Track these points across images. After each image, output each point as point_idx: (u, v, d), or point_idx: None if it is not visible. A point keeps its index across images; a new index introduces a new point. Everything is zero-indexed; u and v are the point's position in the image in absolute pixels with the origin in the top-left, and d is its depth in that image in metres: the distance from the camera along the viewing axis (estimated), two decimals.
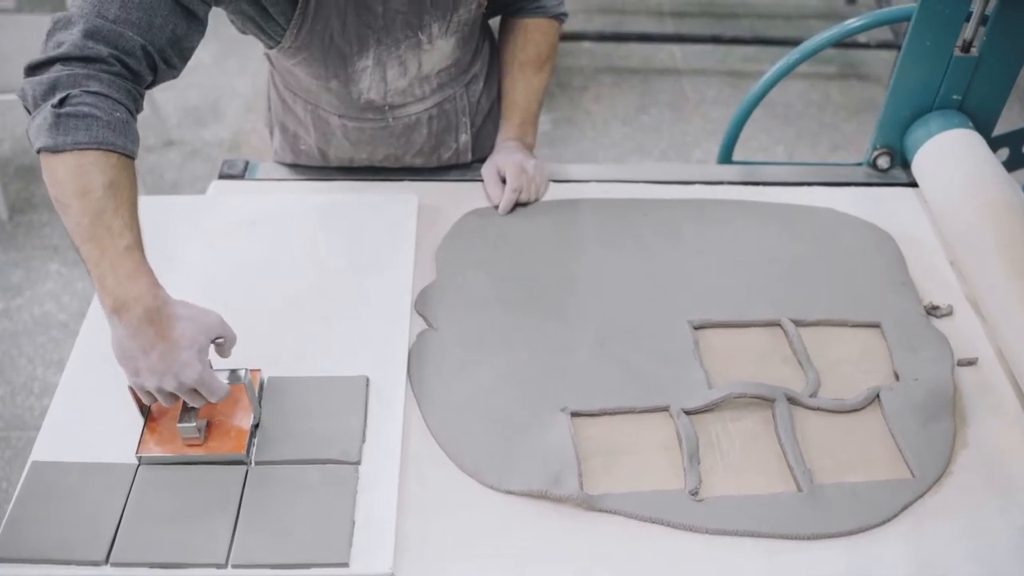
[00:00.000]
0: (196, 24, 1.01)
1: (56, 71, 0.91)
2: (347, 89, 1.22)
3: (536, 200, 1.30)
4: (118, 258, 0.87)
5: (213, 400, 0.90)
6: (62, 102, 0.89)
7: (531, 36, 1.34)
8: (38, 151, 0.90)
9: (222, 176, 1.34)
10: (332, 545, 0.87)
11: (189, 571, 0.86)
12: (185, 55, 1.01)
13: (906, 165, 1.37)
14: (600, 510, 0.93)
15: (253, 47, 3.74)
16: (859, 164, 1.43)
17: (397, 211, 1.24)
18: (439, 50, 1.22)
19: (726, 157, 1.61)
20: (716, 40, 3.27)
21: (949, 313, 1.16)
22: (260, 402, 0.98)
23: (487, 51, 1.37)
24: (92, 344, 1.07)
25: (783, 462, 0.98)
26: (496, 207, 1.27)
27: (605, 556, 0.89)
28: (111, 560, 0.86)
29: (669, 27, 3.55)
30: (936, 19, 1.23)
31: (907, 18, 1.27)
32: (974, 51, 1.28)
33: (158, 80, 1.00)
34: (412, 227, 1.22)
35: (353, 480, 0.92)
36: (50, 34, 0.94)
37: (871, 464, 0.98)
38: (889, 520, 0.93)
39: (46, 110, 0.89)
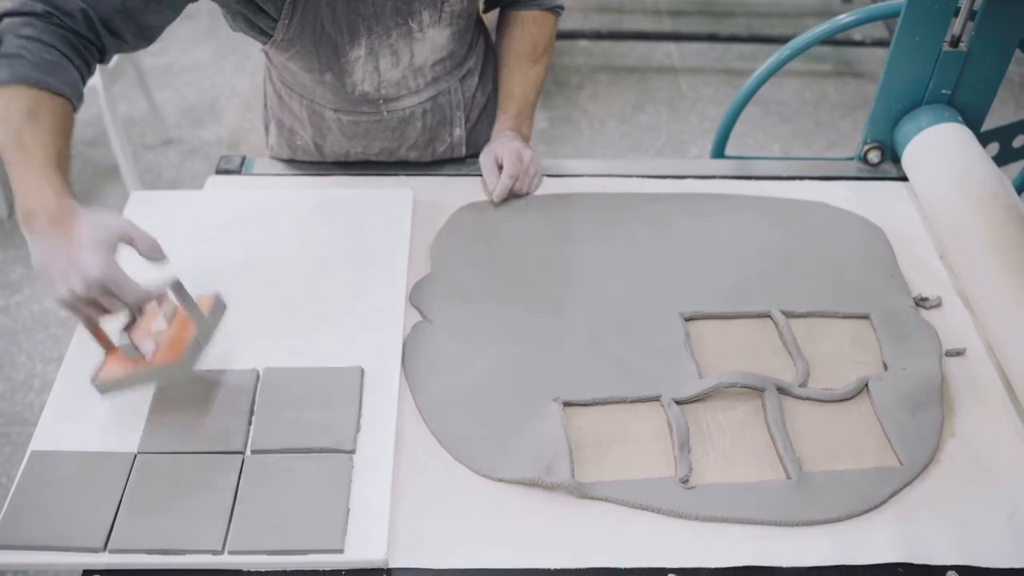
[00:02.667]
0: (159, 5, 1.04)
1: (1, 23, 0.98)
2: (341, 82, 1.23)
3: (530, 192, 1.31)
4: (31, 174, 0.90)
5: (128, 299, 0.88)
6: None
7: (527, 28, 1.35)
8: None
9: (219, 171, 1.35)
10: (327, 532, 0.88)
11: (186, 557, 0.87)
12: (144, 32, 1.05)
13: (896, 159, 1.39)
14: (592, 498, 0.94)
15: (251, 46, 3.75)
16: (850, 159, 1.44)
17: (393, 205, 1.26)
18: (431, 40, 1.23)
19: (719, 152, 1.63)
20: (713, 38, 3.28)
21: (938, 305, 1.17)
22: (215, 327, 0.97)
23: (482, 46, 1.38)
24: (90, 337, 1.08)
25: (773, 451, 0.99)
26: (492, 195, 1.28)
27: (596, 542, 0.91)
28: (109, 547, 0.87)
29: (666, 25, 3.56)
30: (925, 14, 1.25)
31: (896, 14, 1.29)
32: (963, 46, 1.29)
33: (109, 49, 1.03)
34: (407, 221, 1.24)
35: (348, 468, 0.93)
36: None
37: (859, 452, 0.99)
38: (876, 507, 0.94)
39: None
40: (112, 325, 0.94)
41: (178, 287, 0.93)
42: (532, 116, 1.39)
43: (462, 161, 1.40)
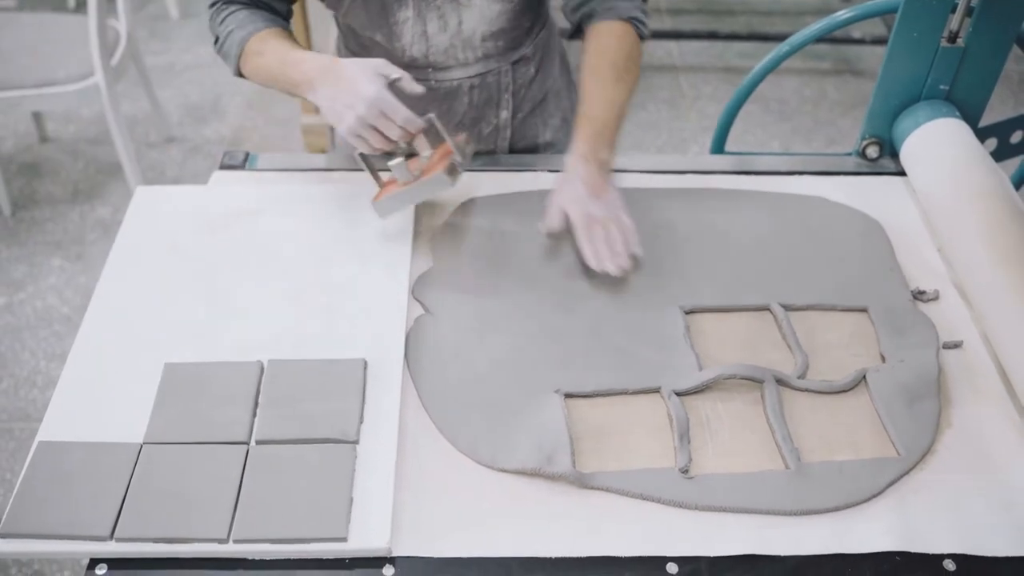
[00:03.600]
0: None
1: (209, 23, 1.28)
2: (391, 44, 1.27)
3: (626, 249, 1.13)
4: (286, 64, 1.16)
5: (399, 118, 1.07)
6: (216, 41, 1.27)
7: (603, 41, 1.25)
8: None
9: (223, 167, 1.37)
10: (331, 521, 0.89)
11: (191, 546, 0.88)
12: None
13: (895, 154, 1.39)
14: (592, 487, 0.95)
15: None
16: (848, 154, 1.45)
17: None
18: (479, 10, 1.24)
19: (719, 148, 1.64)
20: (713, 37, 3.29)
21: (935, 298, 1.18)
22: (470, 154, 1.19)
23: (544, 39, 1.38)
24: (97, 329, 1.09)
25: (771, 441, 1.00)
26: (543, 228, 1.18)
27: (597, 532, 0.92)
28: (115, 535, 0.88)
29: (667, 23, 3.57)
30: (922, 10, 1.26)
31: (894, 10, 1.30)
32: (960, 42, 1.30)
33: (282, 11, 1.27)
34: (410, 215, 1.25)
35: (351, 459, 0.94)
36: None
37: (857, 443, 1.00)
38: (874, 497, 0.95)
39: (217, 55, 1.29)
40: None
41: (435, 120, 1.14)
42: (613, 138, 1.21)
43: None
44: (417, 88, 1.11)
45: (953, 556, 0.90)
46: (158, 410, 0.99)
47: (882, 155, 1.42)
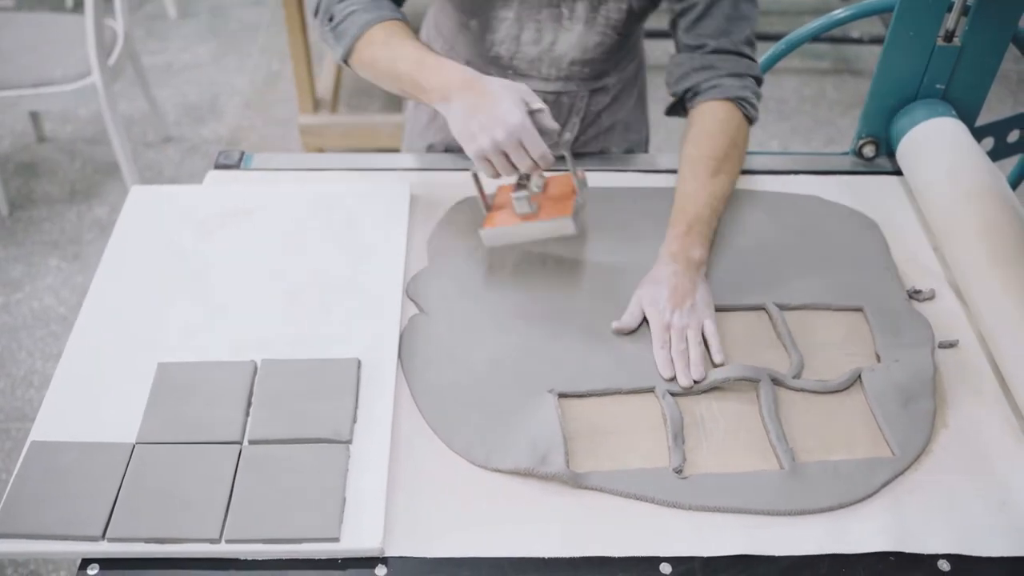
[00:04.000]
0: None
1: (321, 2, 1.19)
2: (482, 35, 1.25)
3: (699, 349, 1.06)
4: (421, 66, 1.08)
5: (535, 152, 1.01)
6: (330, 20, 1.17)
7: (706, 126, 1.19)
8: (342, 62, 1.18)
9: (218, 166, 1.36)
10: (323, 521, 0.89)
11: (184, 546, 0.87)
12: None
13: (891, 154, 1.39)
14: (586, 487, 0.95)
15: (251, 44, 3.75)
16: (845, 153, 1.45)
17: (390, 200, 1.27)
18: (577, 35, 1.22)
19: None
20: None
21: (931, 297, 1.18)
22: (587, 197, 1.12)
23: (631, 75, 1.37)
24: (91, 328, 1.09)
25: (766, 441, 1.00)
26: (616, 327, 1.10)
27: (591, 532, 0.91)
28: (108, 535, 0.88)
29: (665, 23, 3.57)
30: (919, 9, 1.26)
31: (891, 9, 1.30)
32: (956, 41, 1.30)
33: None
34: (405, 215, 1.25)
35: (344, 459, 0.94)
36: None
37: (853, 443, 1.00)
38: (868, 497, 0.95)
39: (325, 32, 1.18)
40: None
41: (568, 153, 1.08)
42: (708, 235, 1.15)
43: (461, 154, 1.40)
44: (554, 124, 1.03)
45: (948, 556, 0.90)
46: (151, 410, 0.99)
47: (878, 154, 1.41)
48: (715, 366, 1.06)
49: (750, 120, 1.23)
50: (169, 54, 3.33)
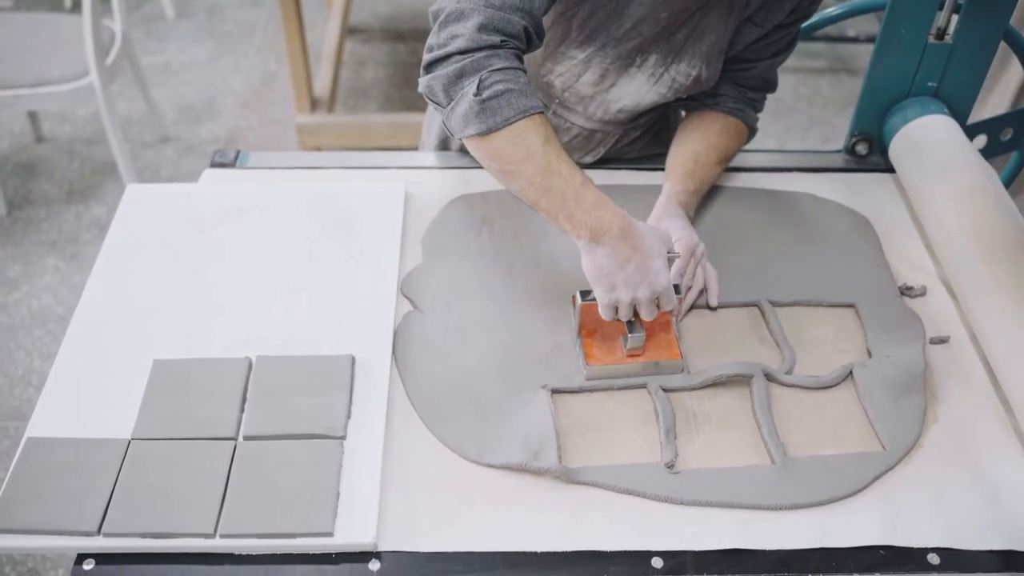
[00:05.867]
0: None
1: (458, 61, 1.00)
2: (543, 62, 1.21)
3: (689, 289, 1.14)
4: (580, 195, 1.00)
5: (666, 308, 1.01)
6: (479, 89, 0.99)
7: (728, 130, 1.27)
8: (469, 137, 1.02)
9: (214, 165, 1.37)
10: (317, 516, 0.89)
11: (179, 540, 0.88)
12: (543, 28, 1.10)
13: (884, 151, 1.40)
14: (579, 483, 0.95)
15: (248, 44, 3.75)
16: (838, 151, 1.46)
17: (385, 198, 1.27)
18: (637, 85, 1.21)
19: None
20: None
21: (923, 294, 1.18)
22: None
23: (657, 118, 1.37)
24: (86, 325, 1.10)
25: (758, 436, 1.01)
26: None
27: (583, 527, 0.92)
28: (103, 530, 0.88)
29: None
30: (910, 7, 1.26)
31: (882, 7, 1.30)
32: (948, 38, 1.31)
33: (533, 49, 1.08)
34: (399, 213, 1.25)
35: (338, 454, 0.95)
36: (442, 26, 1.02)
37: (844, 438, 1.01)
38: (859, 491, 0.95)
39: (468, 99, 0.99)
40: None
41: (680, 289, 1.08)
42: (695, 208, 1.25)
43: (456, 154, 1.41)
44: (673, 301, 1.02)
45: (937, 550, 0.90)
46: (146, 406, 0.99)
47: (871, 152, 1.42)
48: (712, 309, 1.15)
49: (750, 136, 1.32)
50: (167, 54, 3.33)
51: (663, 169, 1.36)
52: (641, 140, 1.37)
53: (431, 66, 1.03)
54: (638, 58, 1.18)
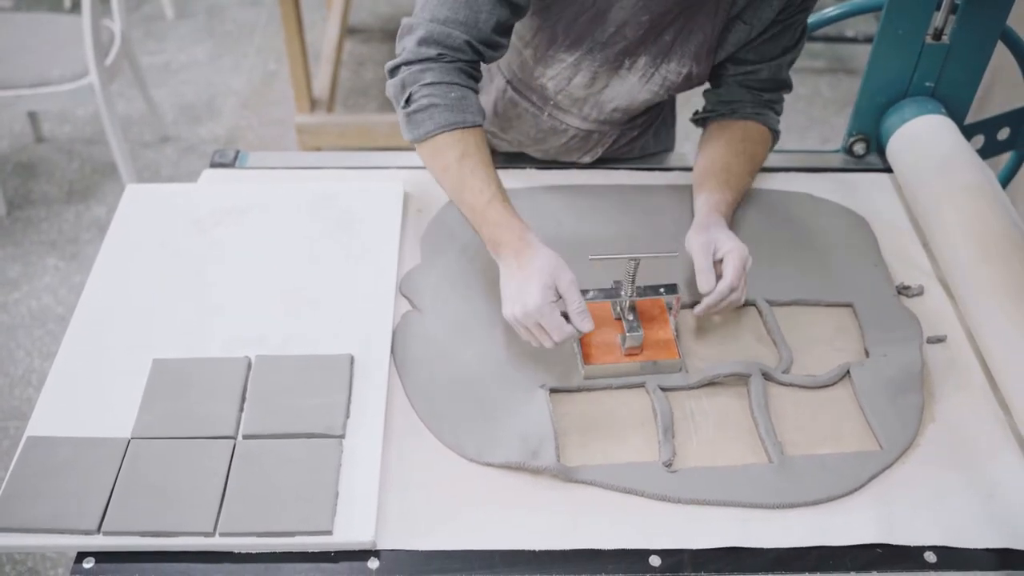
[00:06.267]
0: (518, 8, 1.10)
1: (402, 73, 1.08)
2: (533, 63, 1.23)
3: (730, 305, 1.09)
4: (486, 211, 1.04)
5: (554, 337, 0.99)
6: (407, 101, 1.07)
7: (748, 134, 1.26)
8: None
9: (213, 165, 1.37)
10: (316, 514, 0.90)
11: (178, 539, 0.89)
12: (508, 34, 1.12)
13: (881, 151, 1.40)
14: (577, 481, 0.96)
15: (248, 44, 3.74)
16: (836, 151, 1.46)
17: (384, 199, 1.28)
18: (629, 86, 1.21)
19: None
20: None
21: (920, 293, 1.19)
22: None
23: (658, 117, 1.38)
24: (86, 325, 1.10)
25: (755, 435, 1.01)
26: (702, 291, 1.08)
27: (581, 525, 0.92)
28: (103, 529, 0.89)
29: None
30: (907, 8, 1.27)
31: (880, 7, 1.30)
32: (945, 39, 1.31)
33: (488, 60, 1.11)
34: (398, 214, 1.25)
35: (337, 453, 0.95)
36: (399, 39, 1.10)
37: (841, 437, 1.01)
38: (856, 490, 0.96)
39: (399, 111, 1.08)
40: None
41: (677, 300, 1.08)
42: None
43: None
44: (586, 326, 1.00)
45: (934, 548, 0.91)
46: (146, 405, 1.00)
47: (868, 152, 1.43)
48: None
49: (769, 130, 1.30)
50: (167, 54, 3.34)
51: (663, 169, 1.38)
52: (640, 140, 1.38)
53: (391, 72, 1.10)
54: (627, 60, 1.19)
